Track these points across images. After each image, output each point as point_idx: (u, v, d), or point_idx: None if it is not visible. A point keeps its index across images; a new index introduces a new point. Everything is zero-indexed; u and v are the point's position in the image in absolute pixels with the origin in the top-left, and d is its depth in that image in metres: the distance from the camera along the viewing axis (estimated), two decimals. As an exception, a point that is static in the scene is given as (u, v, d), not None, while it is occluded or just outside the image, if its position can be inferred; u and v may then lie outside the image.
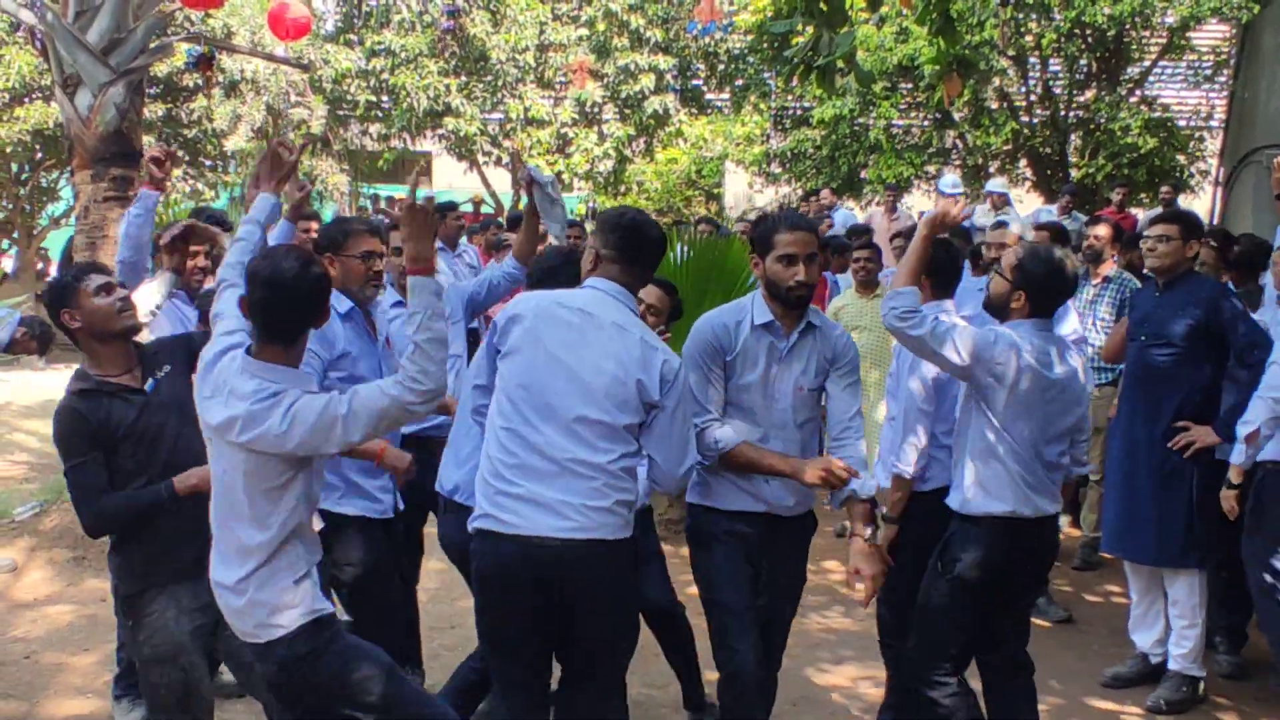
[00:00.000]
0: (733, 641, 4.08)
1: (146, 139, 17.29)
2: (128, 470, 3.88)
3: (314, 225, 6.67)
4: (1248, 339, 5.41)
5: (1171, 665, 5.59)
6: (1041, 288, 4.34)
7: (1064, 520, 8.21)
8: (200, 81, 17.83)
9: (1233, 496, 5.16)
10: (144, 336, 4.39)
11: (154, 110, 18.60)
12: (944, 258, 4.80)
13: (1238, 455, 5.08)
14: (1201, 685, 5.60)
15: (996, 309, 4.51)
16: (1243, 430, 5.00)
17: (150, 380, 3.97)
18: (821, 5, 6.35)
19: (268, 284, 3.32)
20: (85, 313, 3.92)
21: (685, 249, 7.89)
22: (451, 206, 10.03)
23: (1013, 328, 4.33)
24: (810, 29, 6.48)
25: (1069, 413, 4.32)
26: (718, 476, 4.16)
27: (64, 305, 3.93)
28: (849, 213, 15.40)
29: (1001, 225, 7.42)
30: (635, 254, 3.84)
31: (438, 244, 4.68)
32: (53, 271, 22.76)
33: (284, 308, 3.36)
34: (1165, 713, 5.49)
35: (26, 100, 17.63)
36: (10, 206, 20.26)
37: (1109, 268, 7.37)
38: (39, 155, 19.06)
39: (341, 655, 3.52)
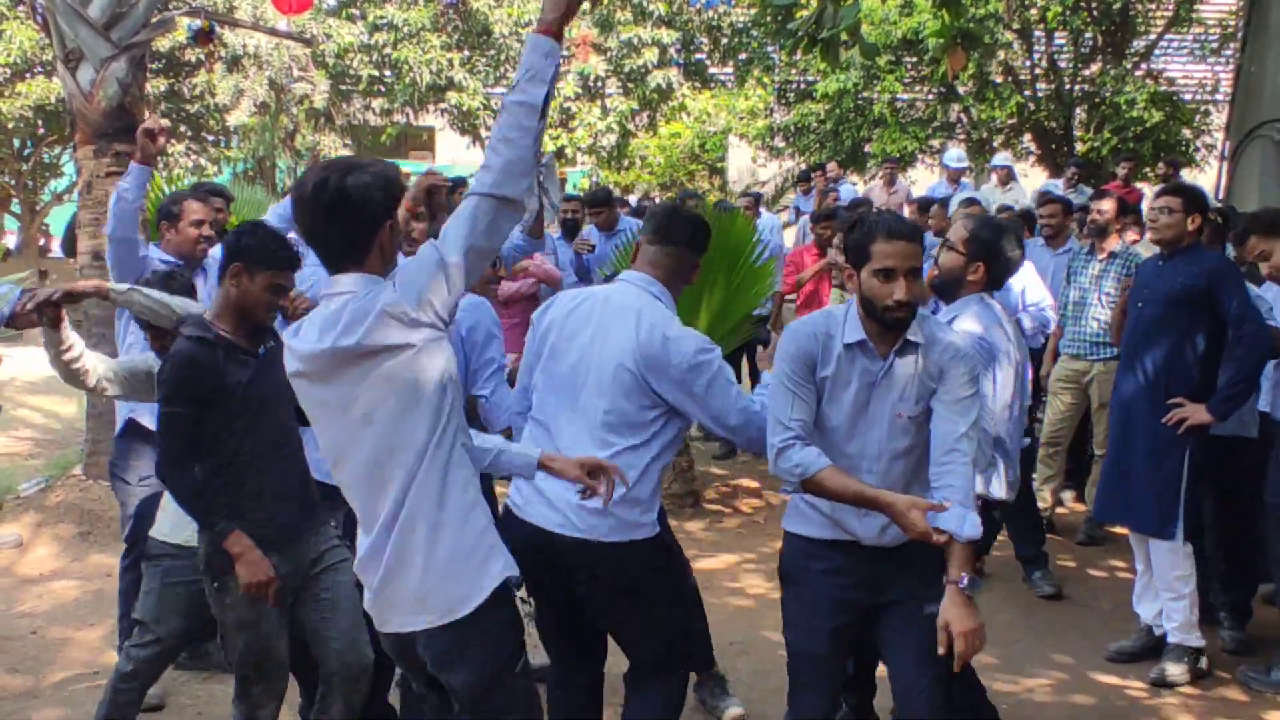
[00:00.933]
0: (797, 691, 3.76)
1: (149, 114, 17.29)
2: (233, 435, 3.87)
3: None
4: (1239, 311, 5.39)
5: (1170, 639, 5.60)
6: (997, 256, 4.36)
7: (1068, 495, 8.23)
8: (202, 56, 17.78)
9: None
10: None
11: (156, 85, 18.55)
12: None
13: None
14: (1203, 659, 5.60)
15: (949, 284, 4.52)
16: None
17: (261, 347, 3.96)
18: (826, -22, 6.33)
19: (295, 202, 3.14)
20: (251, 290, 3.90)
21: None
22: (462, 182, 10.00)
23: (964, 312, 4.37)
24: (814, 2, 6.46)
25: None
26: (806, 501, 3.70)
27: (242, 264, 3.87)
28: (851, 187, 15.33)
29: (973, 201, 7.36)
30: (667, 231, 3.82)
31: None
32: (55, 248, 22.80)
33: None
34: (1167, 685, 5.50)
35: (28, 75, 17.60)
36: (13, 182, 20.23)
37: (1114, 242, 7.35)
38: (41, 130, 19.04)
39: None
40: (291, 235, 4.27)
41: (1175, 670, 5.51)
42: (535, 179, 5.04)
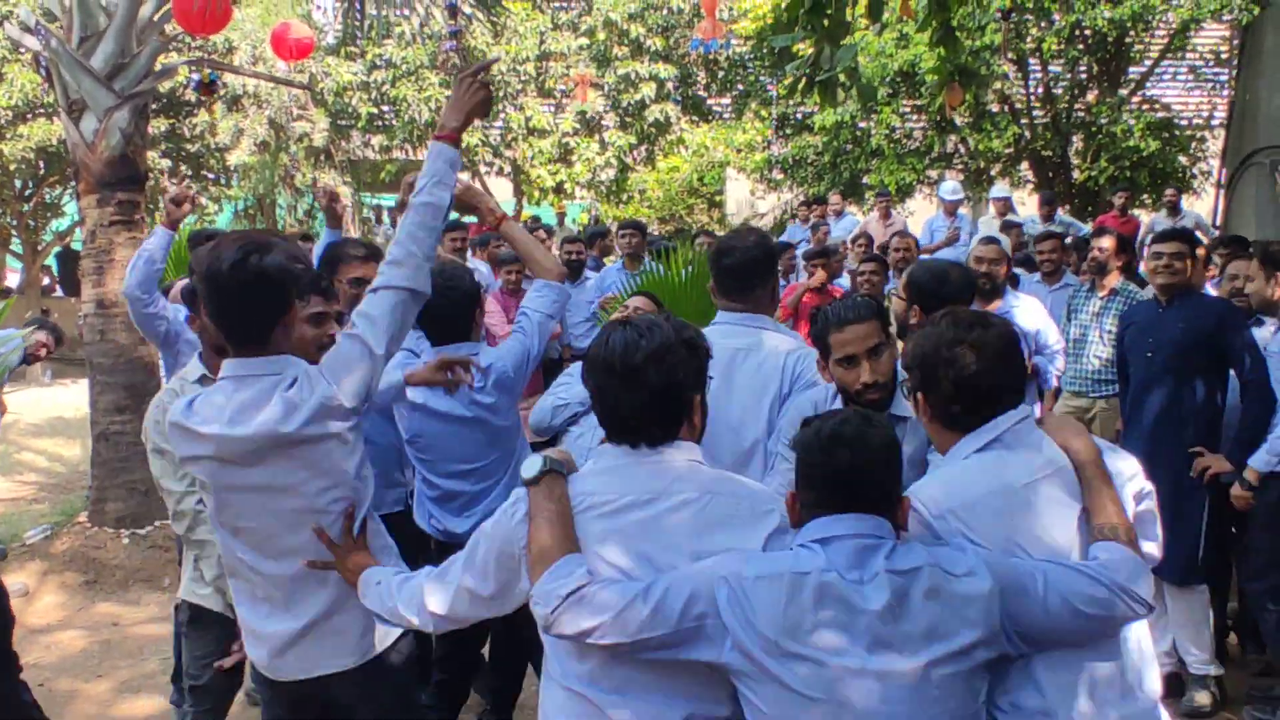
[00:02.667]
0: None
1: (151, 155, 17.33)
2: None
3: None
4: (1244, 356, 5.46)
5: (1193, 671, 5.63)
6: (932, 296, 4.41)
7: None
8: (203, 100, 17.87)
9: (1247, 498, 5.34)
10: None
11: (157, 125, 18.61)
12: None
13: (1258, 460, 5.26)
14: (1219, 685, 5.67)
15: (901, 328, 4.58)
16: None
17: None
18: (823, 19, 6.36)
19: (203, 280, 3.08)
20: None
21: (690, 268, 7.76)
22: (455, 225, 10.03)
23: None
24: (811, 43, 6.49)
25: None
26: None
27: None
28: (854, 219, 15.37)
29: (992, 240, 7.36)
30: (719, 281, 4.15)
31: None
32: (58, 289, 22.83)
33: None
34: (1198, 714, 5.54)
35: (29, 117, 17.65)
36: (14, 222, 20.28)
37: (1115, 279, 7.37)
38: (42, 171, 19.08)
39: None
40: None
41: (1203, 698, 5.57)
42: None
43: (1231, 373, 5.62)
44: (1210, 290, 7.37)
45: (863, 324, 3.51)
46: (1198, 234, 9.19)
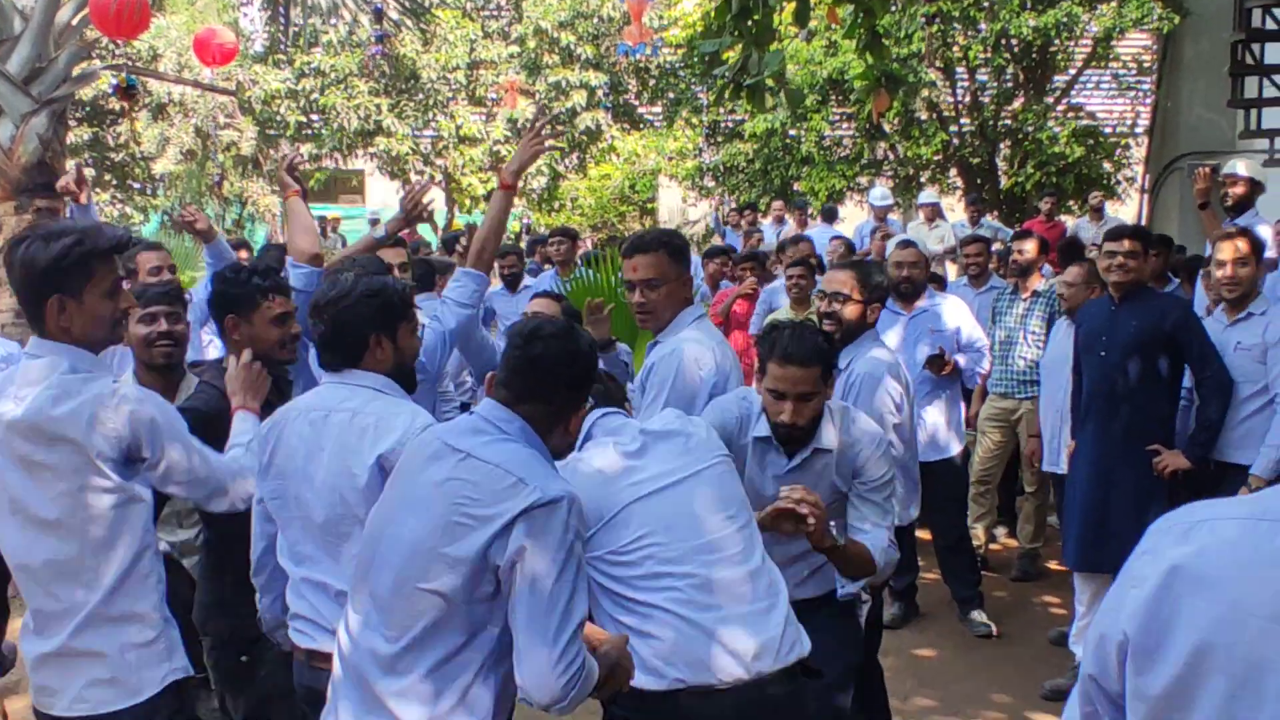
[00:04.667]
0: None
1: (70, 163, 17.06)
2: None
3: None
4: (1200, 353, 5.52)
5: None
6: (884, 291, 4.83)
7: (1001, 531, 8.29)
8: (125, 108, 17.62)
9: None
10: None
11: (79, 134, 18.34)
12: None
13: (1260, 465, 5.35)
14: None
15: (854, 333, 4.73)
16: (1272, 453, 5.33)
17: None
18: (750, 24, 6.38)
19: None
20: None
21: (615, 274, 7.73)
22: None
23: (868, 349, 4.72)
24: (739, 48, 6.51)
25: None
26: None
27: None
28: (789, 226, 15.35)
29: (908, 244, 7.47)
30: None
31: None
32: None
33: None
34: None
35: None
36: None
37: (1037, 281, 7.47)
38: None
39: None
40: None
41: None
42: None
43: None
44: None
45: (803, 369, 3.53)
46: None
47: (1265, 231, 7.12)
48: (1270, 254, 6.99)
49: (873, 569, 3.59)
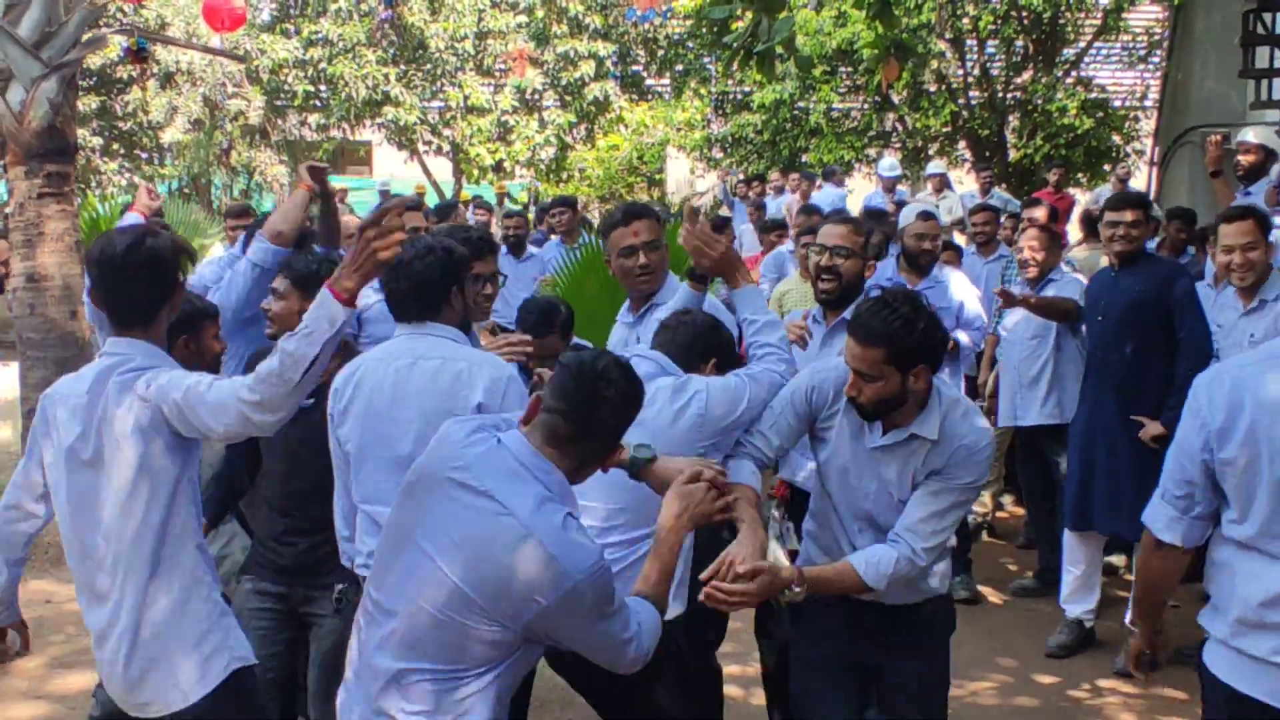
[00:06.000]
0: None
1: (83, 132, 17.04)
2: None
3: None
4: (1187, 319, 5.54)
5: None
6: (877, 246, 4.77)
7: (1008, 499, 8.32)
8: (134, 74, 17.60)
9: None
10: None
11: (89, 103, 18.34)
12: None
13: None
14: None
15: (853, 290, 4.61)
16: None
17: None
18: (760, -10, 6.37)
19: (96, 264, 3.19)
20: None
21: None
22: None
23: None
24: (749, 15, 6.50)
25: None
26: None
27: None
28: (791, 197, 15.36)
29: (929, 215, 7.43)
30: None
31: None
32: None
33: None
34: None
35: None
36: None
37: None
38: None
39: None
40: None
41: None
42: None
43: None
44: None
45: (860, 346, 3.25)
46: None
47: None
48: None
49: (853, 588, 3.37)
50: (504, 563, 2.58)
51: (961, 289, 6.91)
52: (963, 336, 6.72)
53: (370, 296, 4.42)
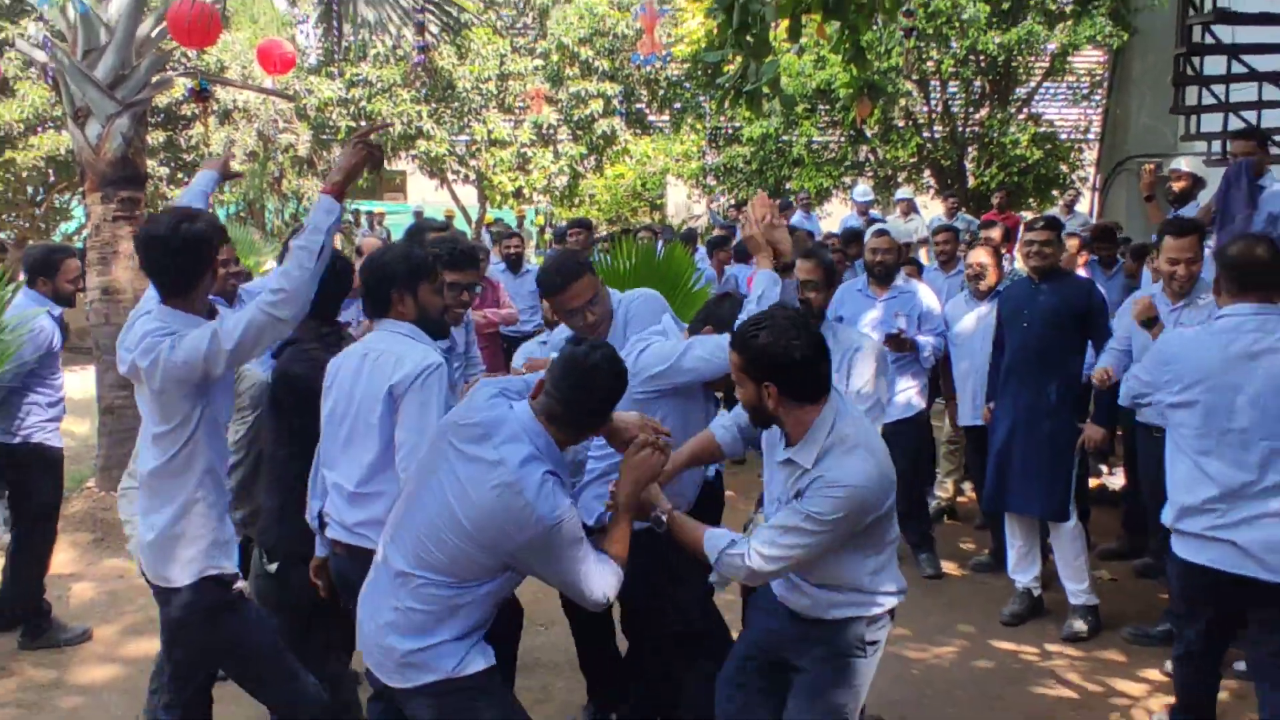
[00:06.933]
0: None
1: (150, 164, 17.04)
2: None
3: None
4: (1102, 326, 5.87)
5: (1074, 601, 5.77)
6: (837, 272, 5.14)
7: (967, 486, 8.31)
8: (197, 111, 17.60)
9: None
10: None
11: (156, 137, 18.33)
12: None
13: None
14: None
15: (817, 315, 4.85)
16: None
17: None
18: (748, 38, 6.38)
19: (143, 243, 3.35)
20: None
21: (629, 261, 7.70)
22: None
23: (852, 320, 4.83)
24: (739, 59, 6.52)
25: None
26: None
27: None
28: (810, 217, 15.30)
29: (883, 232, 7.44)
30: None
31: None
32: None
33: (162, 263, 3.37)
34: (1077, 638, 5.69)
35: (40, 129, 17.32)
36: (27, 225, 19.90)
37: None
38: (52, 178, 18.73)
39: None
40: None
41: (1081, 625, 5.74)
42: None
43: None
44: (1082, 273, 8.08)
45: (730, 352, 3.16)
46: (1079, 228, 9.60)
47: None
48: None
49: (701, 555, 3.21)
50: (491, 502, 2.91)
51: (928, 298, 6.95)
52: (922, 339, 6.75)
53: None
